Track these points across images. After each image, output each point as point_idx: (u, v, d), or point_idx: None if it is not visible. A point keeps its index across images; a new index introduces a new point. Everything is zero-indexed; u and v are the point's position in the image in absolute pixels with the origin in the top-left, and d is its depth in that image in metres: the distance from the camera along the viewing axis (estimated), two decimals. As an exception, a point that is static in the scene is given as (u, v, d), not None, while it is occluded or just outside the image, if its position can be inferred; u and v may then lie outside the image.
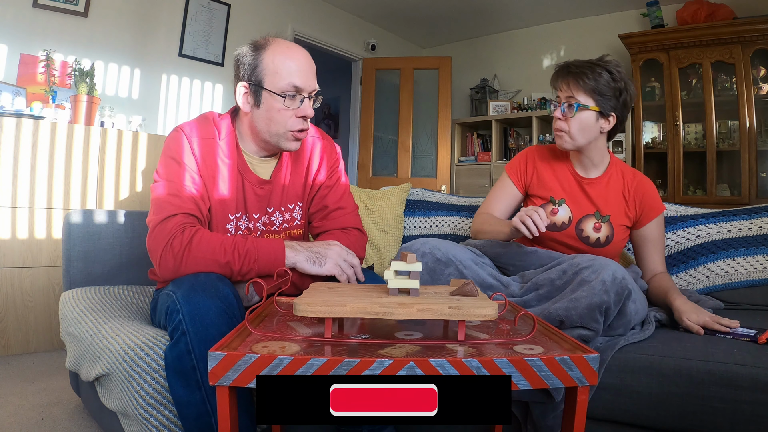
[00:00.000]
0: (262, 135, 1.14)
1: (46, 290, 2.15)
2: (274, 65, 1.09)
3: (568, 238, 1.37)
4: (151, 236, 1.04)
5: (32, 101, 2.32)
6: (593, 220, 1.36)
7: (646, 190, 1.37)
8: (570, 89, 1.30)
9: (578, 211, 1.38)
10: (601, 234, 1.35)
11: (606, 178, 1.39)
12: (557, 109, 1.32)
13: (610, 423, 1.04)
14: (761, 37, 3.20)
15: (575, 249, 1.37)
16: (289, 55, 1.11)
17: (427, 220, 2.01)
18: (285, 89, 1.09)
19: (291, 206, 1.24)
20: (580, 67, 1.30)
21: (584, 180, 1.40)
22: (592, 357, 0.66)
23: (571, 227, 1.37)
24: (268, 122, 1.12)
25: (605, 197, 1.38)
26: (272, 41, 1.12)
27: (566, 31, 4.39)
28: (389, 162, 4.59)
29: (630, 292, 1.06)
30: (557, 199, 1.40)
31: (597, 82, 1.28)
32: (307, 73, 1.12)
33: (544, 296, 1.15)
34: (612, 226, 1.35)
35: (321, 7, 4.19)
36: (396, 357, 0.64)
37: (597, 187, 1.39)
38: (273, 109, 1.10)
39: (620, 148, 3.75)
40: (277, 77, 1.09)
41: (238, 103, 1.13)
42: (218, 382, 0.63)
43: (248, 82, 1.11)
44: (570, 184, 1.41)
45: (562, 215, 1.38)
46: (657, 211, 1.37)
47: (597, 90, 1.28)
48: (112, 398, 1.05)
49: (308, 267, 1.06)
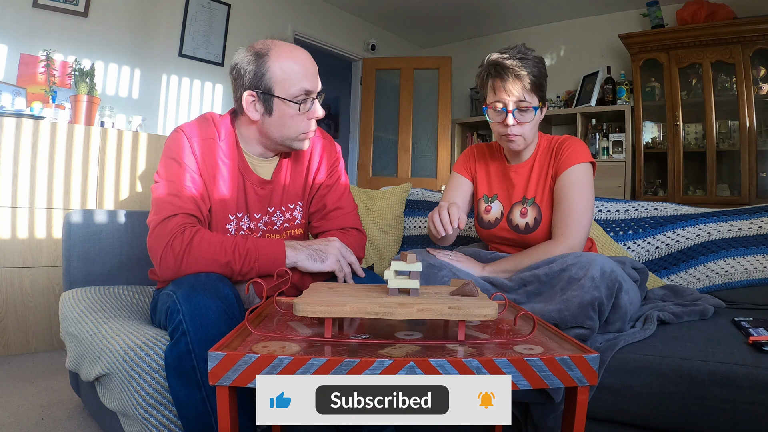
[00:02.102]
0: (274, 140, 1.14)
1: (46, 290, 2.15)
2: (283, 72, 1.08)
3: (503, 232, 1.37)
4: (152, 236, 1.04)
5: (32, 101, 2.32)
6: (520, 206, 1.35)
7: (563, 149, 1.30)
8: (518, 93, 1.24)
9: (508, 203, 1.38)
10: (528, 218, 1.33)
11: (531, 160, 1.37)
12: (507, 116, 1.25)
13: (610, 423, 1.04)
14: (761, 37, 3.19)
15: (514, 243, 1.36)
16: (294, 59, 1.10)
17: (427, 220, 2.01)
18: (297, 95, 1.09)
19: (291, 206, 1.24)
20: (518, 67, 1.24)
21: (511, 168, 1.39)
22: (592, 357, 0.66)
23: (503, 220, 1.37)
24: (281, 128, 1.12)
25: (528, 179, 1.35)
26: (273, 46, 1.10)
27: (566, 31, 4.39)
28: (389, 162, 4.59)
29: (621, 284, 1.05)
30: (489, 196, 1.41)
31: (536, 76, 1.25)
32: (313, 74, 1.12)
33: (533, 292, 1.15)
34: (538, 207, 1.32)
35: (321, 7, 4.19)
36: (396, 357, 0.64)
37: (521, 172, 1.37)
38: (286, 115, 1.10)
39: (620, 148, 3.74)
40: (287, 83, 1.08)
41: (246, 112, 1.11)
42: (218, 382, 0.63)
43: (256, 91, 1.09)
44: (499, 178, 1.42)
45: (495, 211, 1.39)
46: (567, 163, 1.28)
47: (538, 85, 1.26)
48: (112, 398, 1.05)
49: (310, 265, 1.06)
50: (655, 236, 1.63)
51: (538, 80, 1.26)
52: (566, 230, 1.24)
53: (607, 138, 3.82)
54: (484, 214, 1.42)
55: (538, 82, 1.25)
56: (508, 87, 1.25)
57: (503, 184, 1.41)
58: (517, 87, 1.24)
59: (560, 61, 4.42)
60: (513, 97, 1.25)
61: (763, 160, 3.30)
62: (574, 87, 4.21)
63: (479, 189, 1.46)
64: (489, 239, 1.44)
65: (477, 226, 1.46)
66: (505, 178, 1.41)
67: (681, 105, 3.47)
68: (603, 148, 3.82)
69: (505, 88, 1.25)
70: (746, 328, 1.09)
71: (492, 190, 1.43)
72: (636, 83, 3.64)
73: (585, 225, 1.25)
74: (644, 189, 3.64)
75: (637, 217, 1.68)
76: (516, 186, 1.38)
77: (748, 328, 1.09)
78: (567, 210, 1.25)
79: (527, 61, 1.25)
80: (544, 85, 1.28)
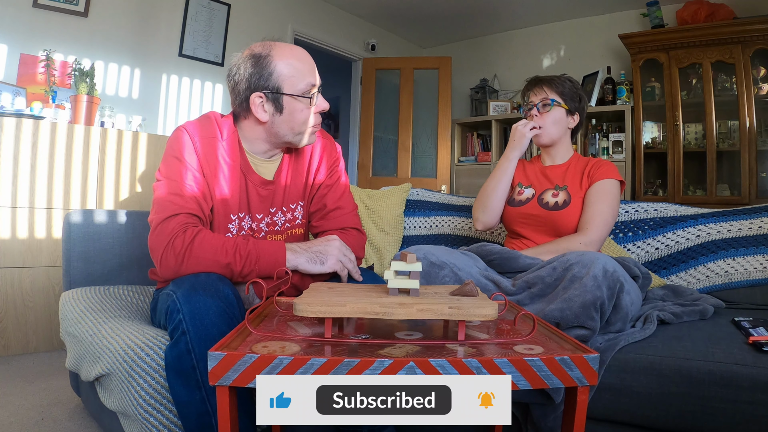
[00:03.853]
0: (284, 138, 1.16)
1: (46, 290, 2.15)
2: (289, 70, 1.11)
3: (532, 209, 1.50)
4: (153, 235, 1.04)
5: (32, 101, 2.32)
6: (552, 190, 1.52)
7: (600, 165, 1.50)
8: (543, 92, 1.54)
9: (540, 188, 1.55)
10: (559, 199, 1.49)
11: (566, 165, 1.57)
12: (533, 110, 1.54)
13: (610, 423, 1.04)
14: (761, 37, 3.19)
15: (540, 220, 1.48)
16: (297, 56, 1.13)
17: (427, 220, 2.01)
18: (305, 90, 1.12)
19: (293, 206, 1.24)
20: (548, 77, 1.56)
21: (547, 168, 1.59)
22: (592, 357, 0.66)
23: (534, 200, 1.52)
24: (292, 124, 1.13)
25: (563, 176, 1.54)
26: (273, 46, 1.12)
27: (566, 31, 4.38)
28: (389, 162, 4.59)
29: (623, 285, 1.06)
30: (525, 184, 1.59)
31: (563, 86, 1.54)
32: (315, 69, 1.16)
33: (537, 294, 1.15)
34: (569, 193, 1.48)
35: (321, 7, 4.19)
36: (396, 357, 0.64)
37: (557, 171, 1.57)
38: (296, 111, 1.12)
39: (620, 148, 3.74)
40: (295, 80, 1.11)
41: (255, 114, 1.12)
42: (218, 382, 0.63)
43: (264, 91, 1.10)
44: (535, 173, 1.61)
45: (527, 193, 1.56)
46: (602, 176, 1.47)
47: (564, 92, 1.53)
48: (112, 398, 1.05)
49: (310, 268, 1.07)
50: (655, 237, 1.63)
51: (564, 89, 1.53)
52: (590, 226, 1.39)
53: (607, 138, 3.82)
54: (517, 196, 1.57)
55: (563, 90, 1.53)
56: (535, 90, 1.56)
57: (538, 178, 1.58)
58: (543, 88, 1.54)
59: (560, 61, 4.42)
60: (538, 96, 1.54)
61: (763, 160, 3.30)
62: (574, 87, 4.21)
63: (516, 178, 1.62)
64: (516, 217, 1.53)
65: (507, 207, 1.57)
66: (541, 173, 1.58)
67: (681, 105, 3.47)
68: (603, 148, 3.82)
69: (534, 92, 1.56)
70: (746, 328, 1.09)
71: (527, 180, 1.60)
72: (636, 83, 3.64)
73: (607, 226, 1.42)
74: (644, 189, 3.64)
75: (637, 219, 1.68)
76: (551, 179, 1.55)
77: (748, 328, 1.09)
78: (595, 211, 1.42)
79: (560, 77, 1.56)
80: (573, 95, 1.54)
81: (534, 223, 1.49)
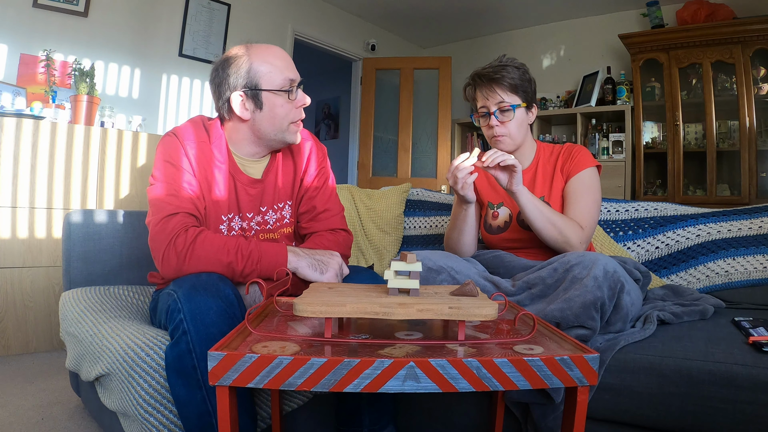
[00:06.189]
0: (267, 135, 1.16)
1: (46, 290, 2.15)
2: (265, 66, 1.12)
3: (514, 233, 1.41)
4: (153, 235, 1.04)
5: (32, 101, 2.32)
6: None
7: (571, 153, 1.40)
8: (497, 95, 1.35)
9: (514, 207, 1.41)
10: None
11: (534, 166, 1.44)
12: (490, 118, 1.36)
13: (610, 423, 1.04)
14: (761, 37, 3.19)
15: (525, 243, 1.38)
16: (272, 53, 1.15)
17: (427, 220, 2.01)
18: (283, 84, 1.13)
19: (281, 205, 1.25)
20: (493, 72, 1.35)
21: None
22: (592, 357, 0.66)
23: (513, 222, 1.41)
24: (273, 120, 1.14)
25: (533, 182, 1.42)
26: (248, 47, 1.14)
27: (566, 31, 4.38)
28: (389, 162, 4.59)
29: (623, 285, 1.05)
30: (495, 203, 1.46)
31: (514, 79, 1.34)
32: (292, 65, 1.17)
33: (537, 295, 1.15)
34: (548, 204, 1.35)
35: (321, 7, 4.19)
36: (396, 357, 0.64)
37: (526, 176, 1.42)
38: (276, 105, 1.13)
39: (620, 149, 3.74)
40: (272, 76, 1.12)
41: (236, 113, 1.13)
42: (218, 382, 0.63)
43: (243, 90, 1.12)
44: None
45: (503, 216, 1.44)
46: (578, 167, 1.37)
47: (519, 87, 1.35)
48: (112, 398, 1.05)
49: (309, 273, 1.07)
50: (655, 236, 1.63)
51: (516, 81, 1.34)
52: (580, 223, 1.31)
53: (607, 138, 3.82)
54: (492, 220, 1.45)
55: (515, 83, 1.34)
56: (485, 91, 1.36)
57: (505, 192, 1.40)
58: (495, 89, 1.35)
59: (560, 61, 4.42)
60: (493, 99, 1.35)
61: (763, 160, 3.30)
62: (574, 87, 4.21)
63: (484, 197, 1.50)
64: (498, 244, 1.44)
65: (484, 233, 1.48)
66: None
67: (681, 105, 3.47)
68: (603, 148, 3.82)
69: (484, 93, 1.36)
70: (746, 328, 1.09)
71: (498, 196, 1.47)
72: (636, 83, 3.64)
73: (595, 220, 1.34)
74: (644, 189, 3.64)
75: (637, 218, 1.68)
76: None
77: (748, 328, 1.09)
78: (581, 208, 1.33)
79: (505, 67, 1.35)
80: (526, 86, 1.36)
81: (520, 245, 1.41)
